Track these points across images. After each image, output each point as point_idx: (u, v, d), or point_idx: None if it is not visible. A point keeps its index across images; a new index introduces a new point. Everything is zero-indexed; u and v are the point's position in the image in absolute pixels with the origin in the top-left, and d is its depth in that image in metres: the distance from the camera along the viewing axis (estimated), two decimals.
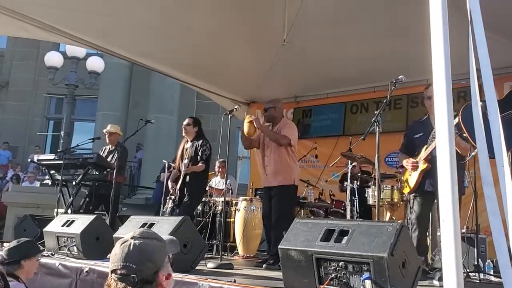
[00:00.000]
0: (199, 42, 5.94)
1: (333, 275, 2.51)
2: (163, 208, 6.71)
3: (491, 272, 4.58)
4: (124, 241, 1.64)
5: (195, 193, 5.58)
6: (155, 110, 12.08)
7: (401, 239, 2.44)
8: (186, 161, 5.47)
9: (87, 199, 6.01)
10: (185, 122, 5.78)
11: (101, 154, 6.32)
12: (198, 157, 5.50)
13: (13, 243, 3.18)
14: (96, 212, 5.93)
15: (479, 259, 4.28)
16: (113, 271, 1.59)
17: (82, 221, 4.51)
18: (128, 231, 4.01)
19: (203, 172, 5.59)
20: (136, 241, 1.63)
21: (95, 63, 9.50)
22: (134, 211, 6.91)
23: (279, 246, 2.87)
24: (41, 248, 3.82)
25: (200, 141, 5.57)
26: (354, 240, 2.51)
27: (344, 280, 2.49)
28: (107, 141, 6.57)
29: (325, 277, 2.56)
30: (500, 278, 4.40)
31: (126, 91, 13.42)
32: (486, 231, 4.93)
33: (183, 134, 5.79)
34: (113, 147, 6.44)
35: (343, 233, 2.60)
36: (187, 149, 5.68)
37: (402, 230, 2.46)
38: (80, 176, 5.68)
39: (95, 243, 4.36)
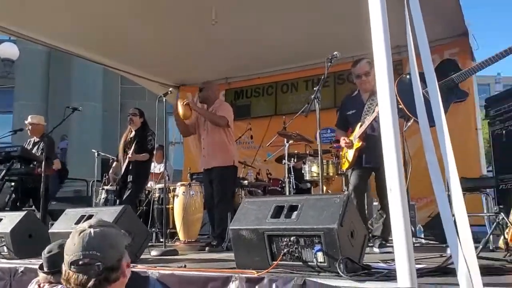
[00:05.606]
0: (122, 23, 5.68)
1: (285, 250, 2.54)
2: (96, 199, 6.49)
3: (422, 236, 4.91)
4: (82, 230, 1.57)
5: (138, 181, 5.61)
6: (77, 98, 11.54)
7: (348, 210, 2.52)
8: (130, 151, 5.46)
9: (13, 195, 5.64)
10: (130, 111, 5.77)
11: (26, 146, 5.93)
12: (144, 147, 5.52)
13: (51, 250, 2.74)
14: (24, 208, 5.59)
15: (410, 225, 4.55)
16: (73, 262, 1.51)
17: (10, 219, 4.19)
18: (65, 226, 3.85)
19: (147, 162, 5.63)
20: (96, 229, 1.56)
21: (9, 50, 8.90)
22: (64, 205, 6.58)
23: (229, 227, 2.86)
24: None
25: (146, 132, 5.62)
26: (303, 215, 2.56)
27: (296, 254, 2.52)
28: (29, 133, 6.18)
29: (277, 253, 2.59)
30: (430, 240, 4.73)
31: (45, 78, 12.63)
32: (412, 198, 5.27)
33: (128, 124, 5.76)
34: (38, 139, 6.06)
35: (293, 208, 2.63)
36: (131, 139, 5.65)
37: (349, 201, 2.55)
38: (4, 171, 5.30)
39: (28, 241, 4.08)
